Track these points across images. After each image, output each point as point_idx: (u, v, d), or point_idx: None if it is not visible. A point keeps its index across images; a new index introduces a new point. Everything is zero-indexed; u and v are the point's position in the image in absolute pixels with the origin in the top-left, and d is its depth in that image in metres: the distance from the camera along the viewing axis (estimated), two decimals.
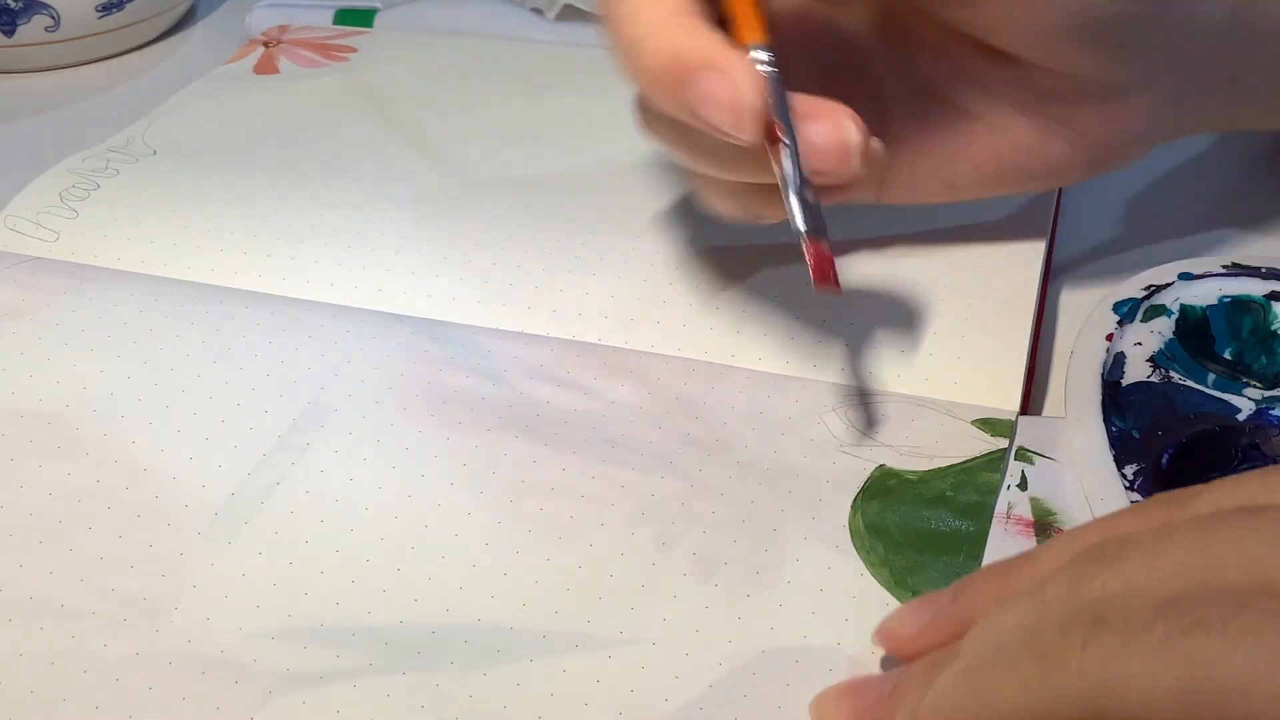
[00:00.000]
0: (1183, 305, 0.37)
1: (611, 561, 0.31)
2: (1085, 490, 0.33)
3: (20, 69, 0.58)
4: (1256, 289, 0.38)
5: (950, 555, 0.31)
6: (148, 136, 0.49)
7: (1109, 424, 0.34)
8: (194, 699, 0.28)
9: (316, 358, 0.37)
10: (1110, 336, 0.36)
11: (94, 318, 0.39)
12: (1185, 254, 0.39)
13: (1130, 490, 0.32)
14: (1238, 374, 0.36)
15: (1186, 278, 0.38)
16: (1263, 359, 0.36)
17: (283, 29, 0.57)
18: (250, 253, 0.42)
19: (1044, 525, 0.32)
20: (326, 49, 0.55)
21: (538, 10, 0.59)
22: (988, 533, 0.32)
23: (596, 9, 0.33)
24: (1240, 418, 0.34)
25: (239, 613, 0.30)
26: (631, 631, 0.30)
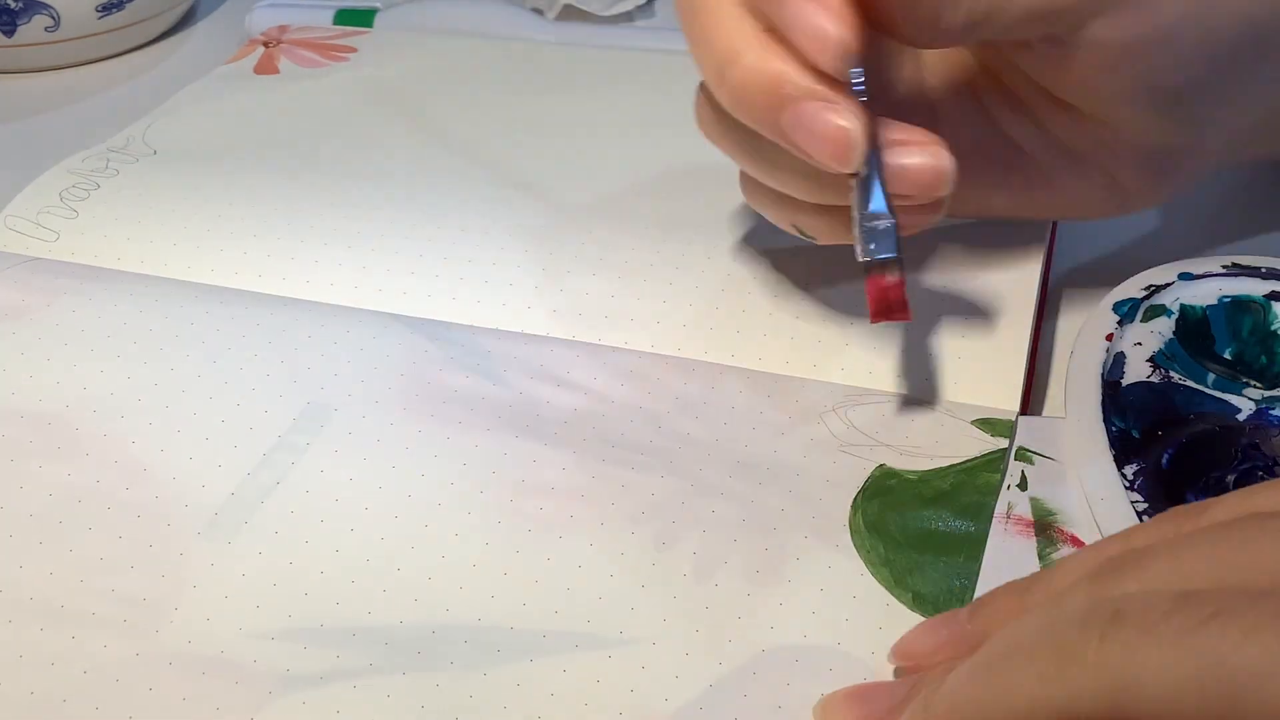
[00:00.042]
0: (1183, 305, 0.37)
1: (611, 561, 0.31)
2: (1085, 490, 0.33)
3: (20, 69, 0.58)
4: (1256, 289, 0.38)
5: (950, 555, 0.31)
6: (148, 136, 0.49)
7: (1109, 424, 0.34)
8: (194, 699, 0.28)
9: (316, 358, 0.37)
10: (1110, 336, 0.36)
11: (94, 318, 0.39)
12: (1185, 254, 0.39)
13: (1130, 490, 0.32)
14: (1238, 374, 0.36)
15: (1186, 278, 0.38)
16: (1263, 359, 0.36)
17: (283, 29, 0.57)
18: (250, 253, 0.42)
19: (1044, 525, 0.32)
20: (326, 49, 0.55)
21: (538, 10, 0.59)
22: (988, 533, 0.32)
23: (676, 11, 0.31)
24: (1240, 418, 0.34)
25: (239, 613, 0.30)
26: (631, 631, 0.30)
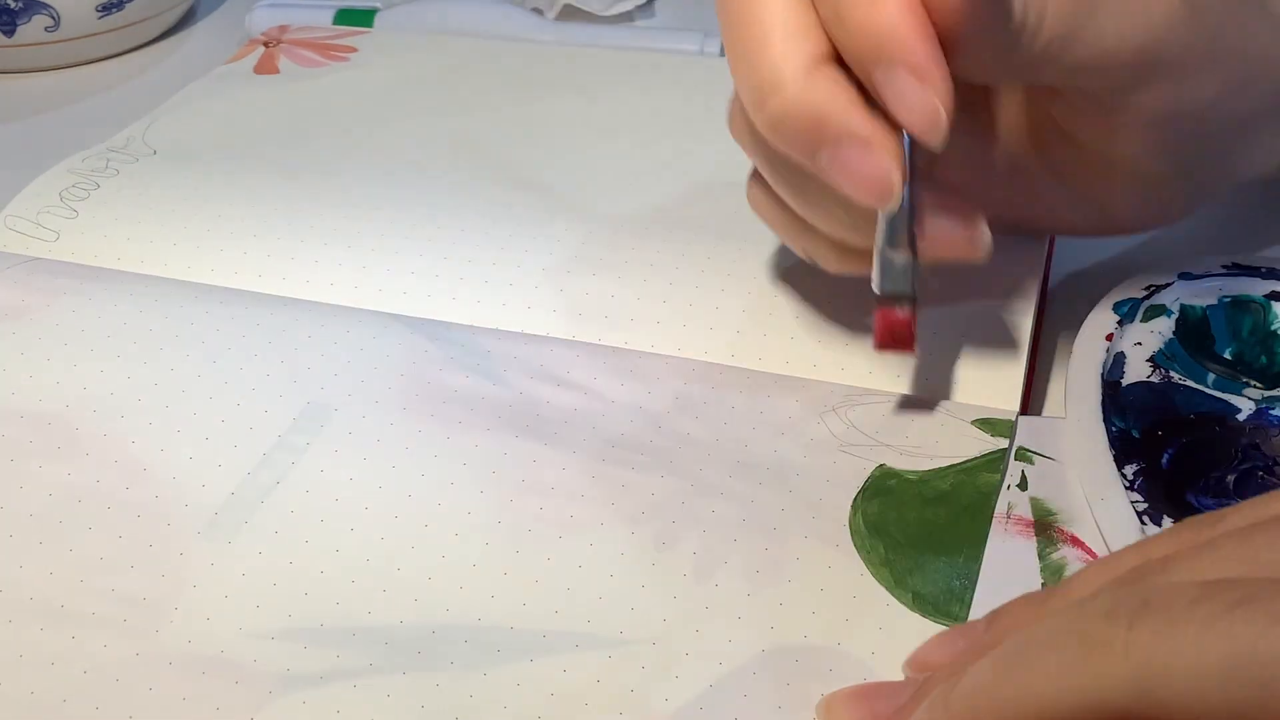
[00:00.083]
0: (1183, 305, 0.37)
1: (611, 561, 0.31)
2: (1085, 490, 0.33)
3: (20, 69, 0.58)
4: (1256, 289, 0.38)
5: (950, 555, 0.31)
6: (148, 136, 0.49)
7: (1109, 424, 0.34)
8: (194, 699, 0.28)
9: (316, 358, 0.37)
10: (1110, 336, 0.36)
11: (94, 318, 0.39)
12: (1185, 254, 0.39)
13: (1130, 490, 0.32)
14: (1238, 374, 0.36)
15: (1186, 278, 0.38)
16: (1263, 359, 0.36)
17: (283, 29, 0.57)
18: (250, 253, 0.42)
19: (1044, 525, 0.32)
20: (327, 49, 0.55)
21: (538, 10, 0.59)
22: (988, 533, 0.32)
23: (721, 35, 0.31)
24: (1240, 418, 0.34)
25: (239, 613, 0.30)
26: (631, 631, 0.30)
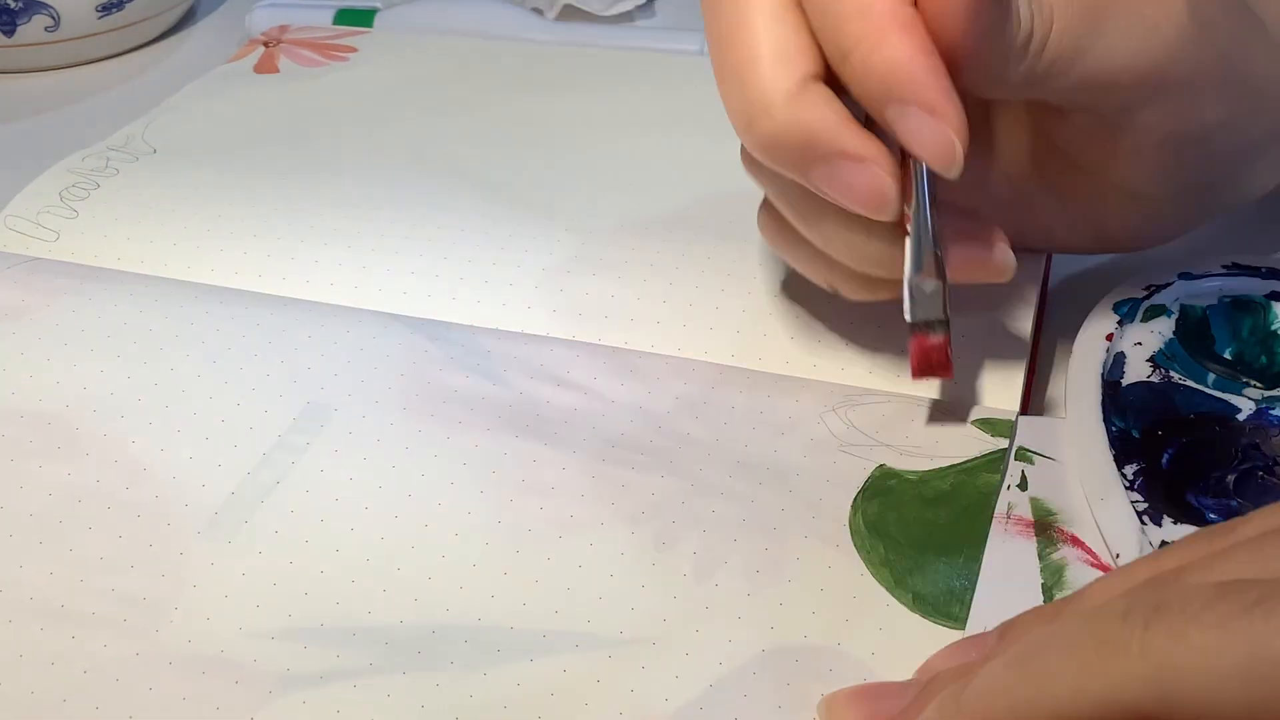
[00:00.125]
0: (1183, 305, 0.37)
1: (611, 561, 0.31)
2: (1085, 490, 0.33)
3: (20, 69, 0.58)
4: (1256, 289, 0.38)
5: (950, 555, 0.31)
6: (148, 135, 0.49)
7: (1109, 424, 0.34)
8: (194, 699, 0.28)
9: (316, 358, 0.37)
10: (1110, 336, 0.36)
11: (94, 318, 0.39)
12: (1185, 254, 0.39)
13: (1130, 490, 0.32)
14: (1238, 374, 0.36)
15: (1186, 277, 0.38)
16: (1263, 359, 0.36)
17: (283, 29, 0.57)
18: (250, 253, 0.42)
19: (1044, 525, 0.32)
20: (327, 49, 0.55)
21: (538, 10, 0.59)
22: (988, 533, 0.32)
23: (710, 58, 0.31)
24: (1240, 418, 0.34)
25: (239, 612, 0.30)
26: (631, 631, 0.30)
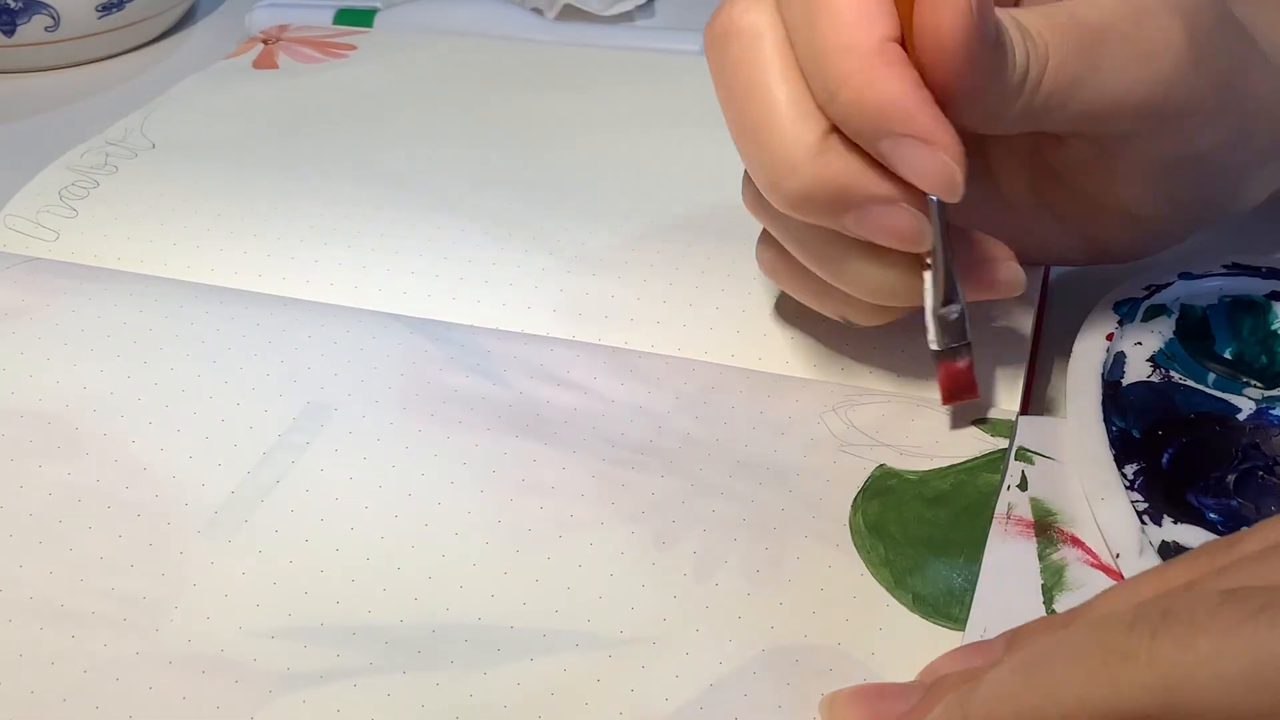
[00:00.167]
0: (1183, 305, 0.37)
1: (612, 560, 0.31)
2: (1085, 490, 0.33)
3: (20, 69, 0.58)
4: (1256, 289, 0.38)
5: (950, 555, 0.31)
6: (146, 128, 0.49)
7: (1109, 424, 0.34)
8: (194, 699, 0.28)
9: (316, 357, 0.37)
10: (1110, 336, 0.36)
11: (94, 318, 0.39)
12: (1185, 253, 0.39)
13: (1130, 490, 0.32)
14: (1238, 374, 0.36)
15: (1187, 277, 0.38)
16: (1263, 359, 0.36)
17: (282, 28, 0.57)
18: (250, 252, 0.42)
19: (1044, 525, 0.32)
20: (326, 46, 0.55)
21: (538, 10, 0.59)
22: (988, 533, 0.32)
23: (725, 117, 0.32)
24: (1240, 417, 0.34)
25: (239, 612, 0.30)
26: (632, 631, 0.30)
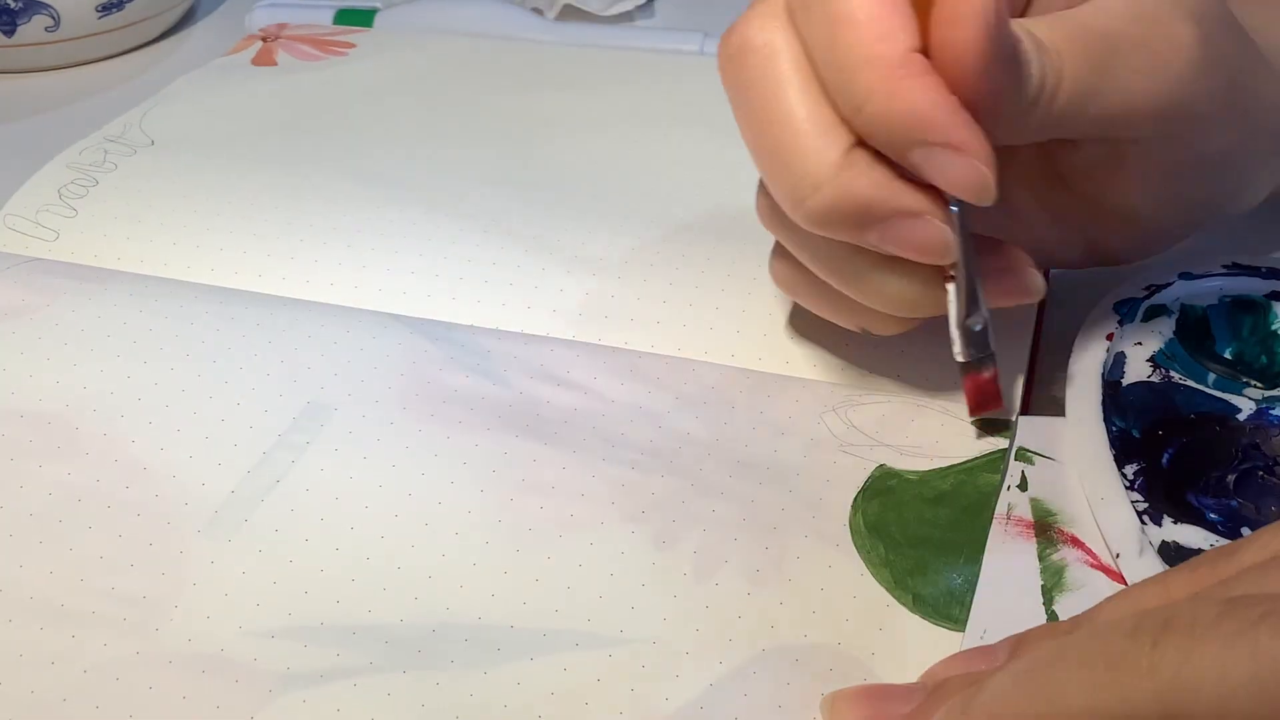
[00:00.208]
0: (1183, 305, 0.37)
1: (612, 560, 0.31)
2: (1085, 490, 0.33)
3: (20, 69, 0.58)
4: (1257, 289, 0.38)
5: (950, 556, 0.31)
6: (145, 124, 0.48)
7: (1109, 424, 0.34)
8: (194, 698, 0.28)
9: (316, 357, 0.37)
10: (1110, 336, 0.36)
11: (94, 318, 0.39)
12: (1185, 253, 0.39)
13: (1130, 490, 0.32)
14: (1238, 374, 0.36)
15: (1187, 277, 0.38)
16: (1263, 359, 0.36)
17: (281, 27, 0.57)
18: (250, 252, 0.42)
19: (1044, 526, 0.32)
20: (325, 44, 0.55)
21: (538, 10, 0.59)
22: (988, 533, 0.32)
23: (743, 135, 0.32)
24: (1240, 417, 0.34)
25: (239, 611, 0.30)
26: (632, 630, 0.30)
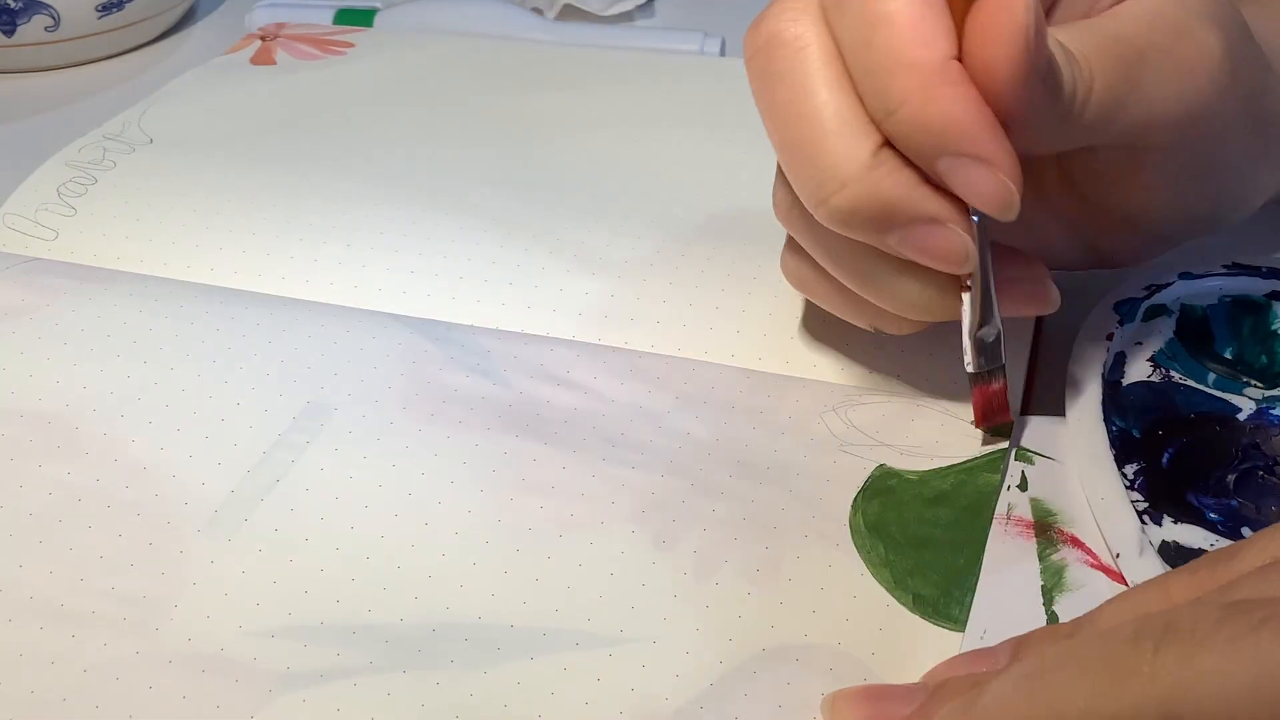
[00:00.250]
0: (1183, 305, 0.37)
1: (612, 560, 0.31)
2: (1085, 490, 0.33)
3: (20, 69, 0.58)
4: (1257, 288, 0.38)
5: (950, 556, 0.31)
6: (144, 122, 0.48)
7: (1109, 424, 0.34)
8: (194, 698, 0.28)
9: (316, 357, 0.37)
10: (1110, 336, 0.36)
11: (94, 318, 0.39)
12: (1186, 253, 0.39)
13: (1130, 490, 0.32)
14: (1238, 373, 0.36)
15: (1187, 277, 0.38)
16: (1263, 358, 0.36)
17: (280, 26, 0.57)
18: (249, 251, 0.42)
19: (1044, 526, 0.32)
20: (324, 43, 0.55)
21: (538, 10, 0.59)
22: (988, 533, 0.32)
23: (768, 130, 0.31)
24: (1240, 417, 0.34)
25: (239, 611, 0.30)
26: (632, 630, 0.30)
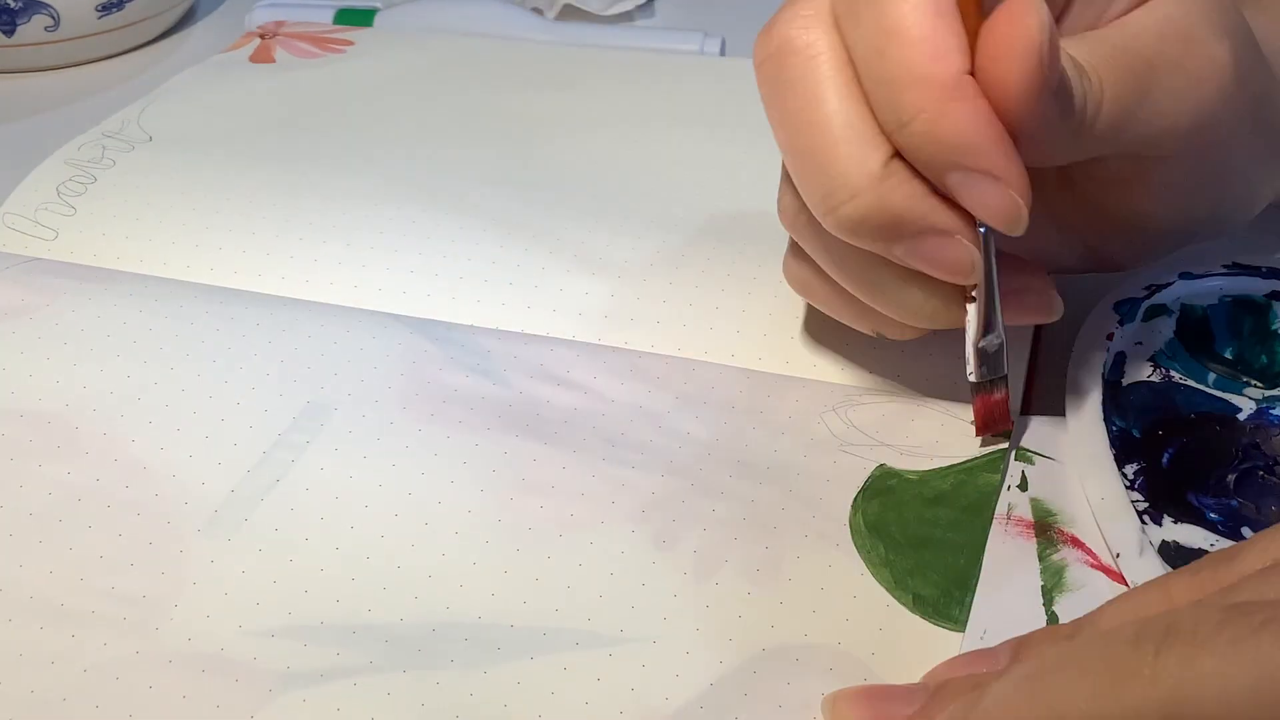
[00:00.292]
0: (1183, 304, 0.37)
1: (612, 560, 0.31)
2: (1085, 490, 0.33)
3: (20, 69, 0.58)
4: (1257, 288, 0.38)
5: (950, 556, 0.31)
6: (143, 120, 0.48)
7: (1109, 424, 0.34)
8: (194, 698, 0.28)
9: (316, 357, 0.37)
10: (1110, 336, 0.36)
11: (94, 318, 0.39)
12: (1186, 253, 0.39)
13: (1130, 490, 0.32)
14: (1238, 373, 0.36)
15: (1187, 277, 0.38)
16: (1263, 358, 0.36)
17: (280, 24, 0.57)
18: (249, 251, 0.42)
19: (1044, 526, 0.32)
20: (323, 41, 0.55)
21: (538, 10, 0.59)
22: (988, 533, 0.32)
23: (777, 138, 0.31)
24: (1241, 417, 0.34)
25: (239, 611, 0.30)
26: (632, 630, 0.30)
